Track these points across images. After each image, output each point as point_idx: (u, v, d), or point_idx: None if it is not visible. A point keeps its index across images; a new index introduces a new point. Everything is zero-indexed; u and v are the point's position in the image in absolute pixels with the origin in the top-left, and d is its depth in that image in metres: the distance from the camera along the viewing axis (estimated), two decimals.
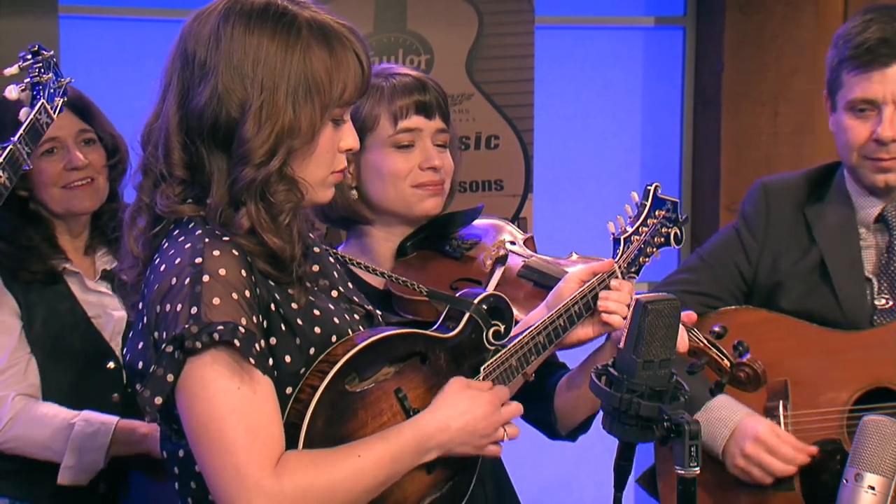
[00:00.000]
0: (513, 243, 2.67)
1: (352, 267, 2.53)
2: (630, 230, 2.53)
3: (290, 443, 2.04)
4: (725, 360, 2.52)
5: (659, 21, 4.86)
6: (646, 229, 2.53)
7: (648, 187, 2.58)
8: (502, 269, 2.54)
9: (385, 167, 2.61)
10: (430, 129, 2.63)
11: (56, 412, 2.88)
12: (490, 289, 2.44)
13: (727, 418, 2.79)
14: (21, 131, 2.68)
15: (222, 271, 1.98)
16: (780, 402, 2.83)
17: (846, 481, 2.04)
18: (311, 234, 2.22)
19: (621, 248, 2.50)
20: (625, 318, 2.40)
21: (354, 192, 2.65)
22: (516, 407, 2.24)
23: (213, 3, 2.10)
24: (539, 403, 2.64)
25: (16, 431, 2.87)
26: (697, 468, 1.93)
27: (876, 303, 2.86)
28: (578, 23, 4.78)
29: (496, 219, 2.79)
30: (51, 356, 2.96)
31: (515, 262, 2.62)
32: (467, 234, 2.72)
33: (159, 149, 2.08)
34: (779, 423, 2.82)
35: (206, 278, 1.97)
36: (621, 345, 1.97)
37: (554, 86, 4.65)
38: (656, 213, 2.55)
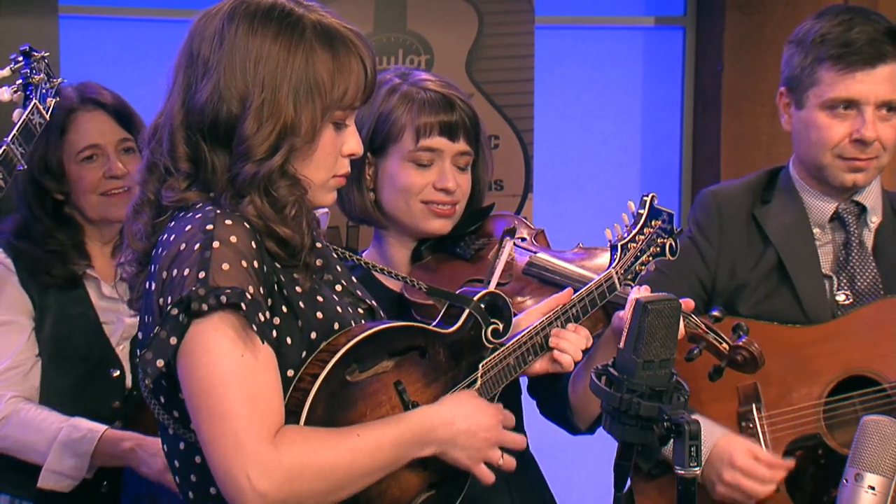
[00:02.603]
0: (522, 239, 2.69)
1: (372, 271, 2.56)
2: (627, 237, 2.54)
3: None
4: (724, 344, 2.53)
5: (659, 21, 4.85)
6: (642, 237, 2.55)
7: (645, 197, 2.59)
8: (508, 248, 2.55)
9: (400, 180, 2.63)
10: (452, 151, 2.64)
11: (46, 416, 2.89)
12: (496, 273, 2.45)
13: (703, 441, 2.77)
14: (14, 132, 2.69)
15: (233, 238, 1.99)
16: (753, 406, 2.82)
17: (846, 481, 2.04)
18: (314, 231, 2.23)
19: (619, 254, 2.51)
20: (577, 363, 2.41)
21: (371, 194, 2.68)
22: (520, 438, 2.26)
23: (221, 2, 2.12)
24: (556, 400, 2.66)
25: (5, 431, 2.88)
26: (698, 468, 1.93)
27: (837, 299, 2.86)
28: (578, 23, 4.78)
29: (508, 215, 2.80)
30: (56, 358, 2.97)
31: (522, 259, 2.63)
32: (479, 232, 2.73)
33: (164, 144, 2.09)
34: (754, 427, 2.80)
35: (216, 244, 1.97)
36: (621, 345, 1.97)
37: (554, 86, 4.65)
38: (652, 222, 2.57)
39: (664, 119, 4.87)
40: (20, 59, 2.78)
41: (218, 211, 2.03)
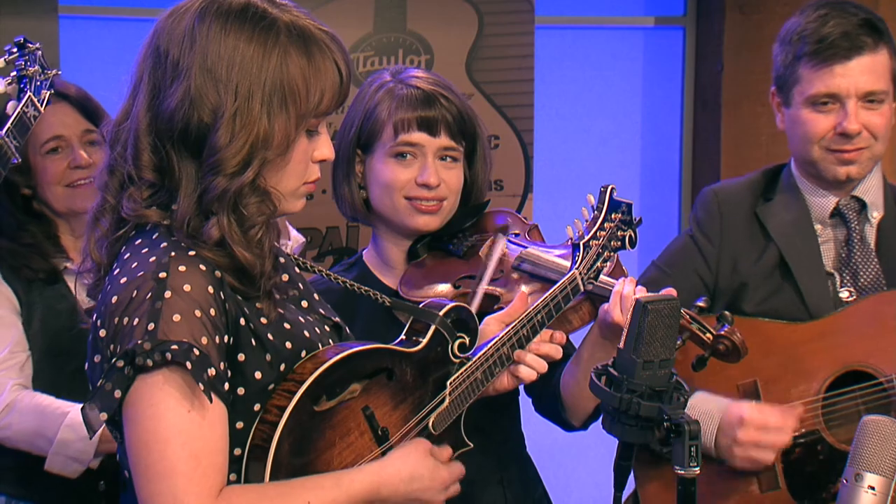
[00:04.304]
0: (516, 234, 2.67)
1: (368, 261, 2.58)
2: (588, 235, 2.49)
3: (258, 464, 1.98)
4: (707, 334, 2.51)
5: (659, 21, 4.85)
6: (603, 233, 2.49)
7: (603, 189, 2.54)
8: (502, 241, 2.52)
9: (383, 175, 2.63)
10: (434, 146, 2.62)
11: (51, 402, 2.89)
12: (488, 273, 2.43)
13: (711, 411, 2.78)
14: (8, 125, 2.67)
15: (187, 287, 1.92)
16: (753, 403, 2.83)
17: (846, 481, 2.03)
18: (276, 244, 2.14)
19: (581, 253, 2.47)
20: (539, 374, 2.39)
21: (363, 192, 2.68)
22: (456, 489, 2.22)
23: (189, 0, 2.03)
24: (549, 397, 2.65)
25: (10, 419, 2.87)
26: (697, 468, 1.93)
27: (840, 296, 2.86)
28: (578, 23, 4.78)
29: (502, 210, 2.79)
30: (47, 355, 2.97)
31: (513, 254, 2.62)
32: (474, 229, 2.72)
33: (128, 150, 2.01)
34: None
35: (168, 294, 1.90)
36: (621, 345, 1.96)
37: (554, 86, 4.65)
38: (612, 216, 2.51)
39: (664, 119, 4.87)
40: (14, 50, 2.77)
41: (173, 253, 1.94)
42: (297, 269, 2.22)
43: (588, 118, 4.80)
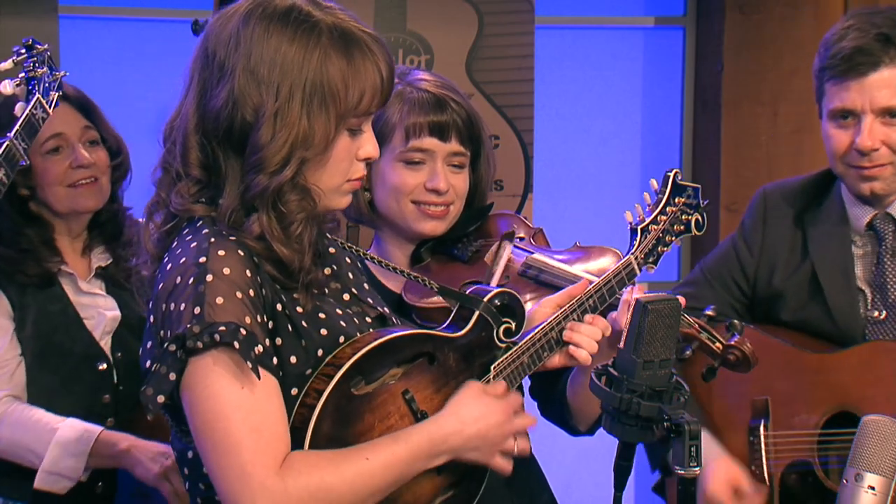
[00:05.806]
0: (521, 238, 2.66)
1: (372, 266, 2.55)
2: (648, 219, 2.47)
3: (296, 447, 2.03)
4: (717, 344, 2.49)
5: (659, 21, 4.86)
6: (664, 217, 2.48)
7: (668, 174, 2.53)
8: (508, 247, 2.51)
9: (391, 180, 2.61)
10: (444, 152, 2.61)
11: (41, 416, 2.88)
12: (497, 274, 2.42)
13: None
14: (17, 127, 2.67)
15: (226, 270, 1.98)
16: (761, 422, 2.83)
17: (846, 481, 2.04)
18: (328, 235, 2.21)
19: (638, 238, 2.45)
20: (594, 355, 2.37)
21: (367, 194, 2.67)
22: (530, 419, 2.24)
23: (238, 3, 2.09)
24: (555, 403, 2.64)
25: (1, 432, 2.87)
26: (698, 468, 1.93)
27: (870, 314, 2.83)
28: (578, 23, 4.78)
29: (507, 214, 2.78)
30: (41, 357, 2.95)
31: (519, 260, 2.61)
32: (478, 233, 2.71)
33: (177, 147, 2.08)
34: (758, 443, 2.81)
35: (209, 278, 1.97)
36: (621, 345, 1.96)
37: (554, 86, 4.65)
38: (675, 200, 2.50)
39: (664, 119, 4.87)
40: (23, 51, 2.77)
41: (213, 239, 2.01)
42: (348, 260, 2.25)
43: (588, 118, 4.80)
